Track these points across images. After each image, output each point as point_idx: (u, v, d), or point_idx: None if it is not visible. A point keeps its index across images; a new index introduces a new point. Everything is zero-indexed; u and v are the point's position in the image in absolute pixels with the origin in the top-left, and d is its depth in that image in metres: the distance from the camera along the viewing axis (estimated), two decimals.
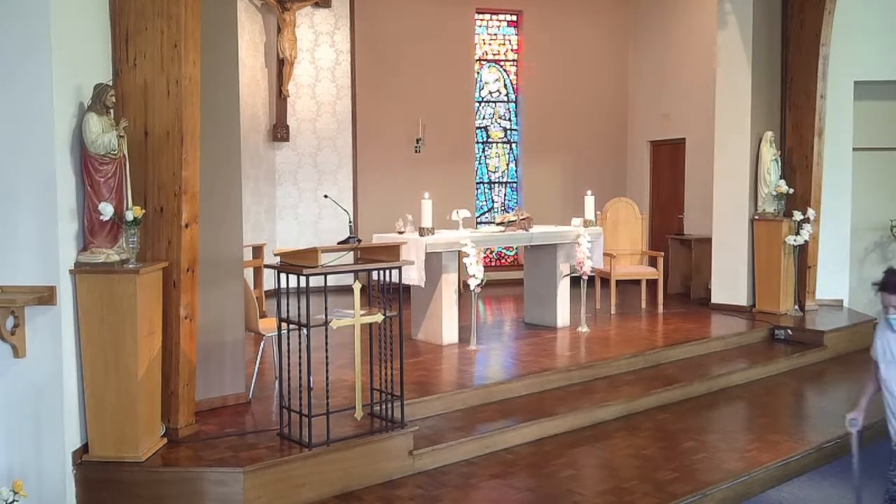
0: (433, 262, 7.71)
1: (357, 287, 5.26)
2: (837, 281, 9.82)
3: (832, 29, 9.20)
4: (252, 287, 7.16)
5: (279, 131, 11.23)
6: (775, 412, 6.83)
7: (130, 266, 4.72)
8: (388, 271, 5.37)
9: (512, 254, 12.81)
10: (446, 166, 11.93)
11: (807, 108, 9.39)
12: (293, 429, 5.14)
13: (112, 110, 4.84)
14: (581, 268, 8.30)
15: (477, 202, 12.57)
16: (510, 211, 12.06)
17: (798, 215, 9.18)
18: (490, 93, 12.74)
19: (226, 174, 5.79)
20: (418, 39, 11.84)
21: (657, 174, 12.34)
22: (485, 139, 12.74)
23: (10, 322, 4.46)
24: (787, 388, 7.52)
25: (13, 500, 3.98)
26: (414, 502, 4.91)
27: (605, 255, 9.12)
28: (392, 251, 5.46)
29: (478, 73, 12.59)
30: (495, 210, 12.71)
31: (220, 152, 5.66)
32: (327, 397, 5.08)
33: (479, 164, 12.70)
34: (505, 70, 12.80)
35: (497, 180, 12.85)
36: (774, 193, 9.35)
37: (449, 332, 7.86)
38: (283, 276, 5.12)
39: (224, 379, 5.88)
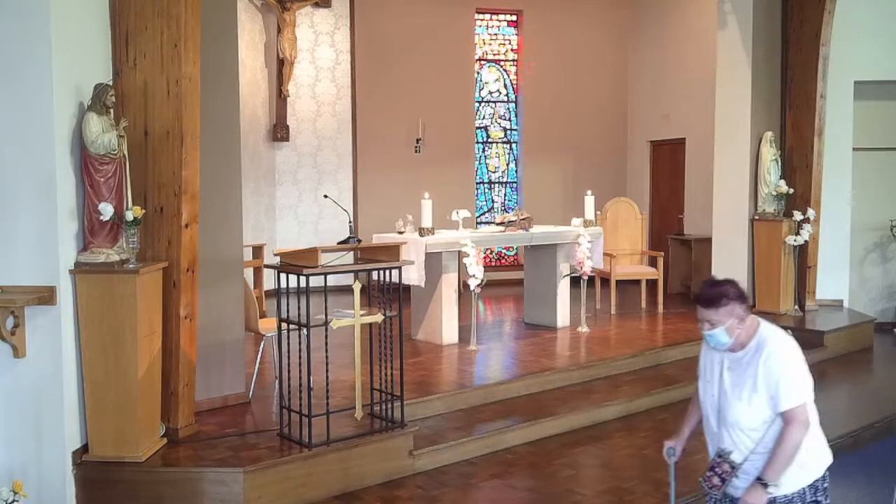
0: (433, 262, 7.71)
1: (357, 287, 5.26)
2: (837, 281, 9.81)
3: (832, 29, 9.19)
4: (252, 287, 7.16)
5: (279, 131, 11.23)
6: None
7: (130, 266, 4.72)
8: (387, 271, 5.37)
9: (512, 254, 12.80)
10: (446, 166, 11.93)
11: (807, 108, 9.37)
12: (293, 429, 5.14)
13: (112, 110, 4.84)
14: (581, 268, 8.29)
15: (477, 202, 12.56)
16: (510, 211, 12.06)
17: (798, 215, 9.16)
18: (490, 93, 12.74)
19: (226, 174, 5.79)
20: (418, 39, 11.83)
21: (657, 174, 12.34)
22: (485, 139, 12.74)
23: (10, 322, 4.46)
24: None
25: (13, 500, 3.98)
26: (414, 502, 4.91)
27: (605, 255, 9.11)
28: (392, 251, 5.46)
29: (478, 73, 12.59)
30: (495, 210, 12.70)
31: (220, 152, 5.66)
32: (327, 397, 5.08)
33: (479, 164, 12.70)
34: (505, 70, 12.80)
35: (497, 180, 12.84)
36: (774, 193, 9.34)
37: (449, 332, 7.86)
38: (283, 276, 5.12)
39: (224, 379, 5.88)
